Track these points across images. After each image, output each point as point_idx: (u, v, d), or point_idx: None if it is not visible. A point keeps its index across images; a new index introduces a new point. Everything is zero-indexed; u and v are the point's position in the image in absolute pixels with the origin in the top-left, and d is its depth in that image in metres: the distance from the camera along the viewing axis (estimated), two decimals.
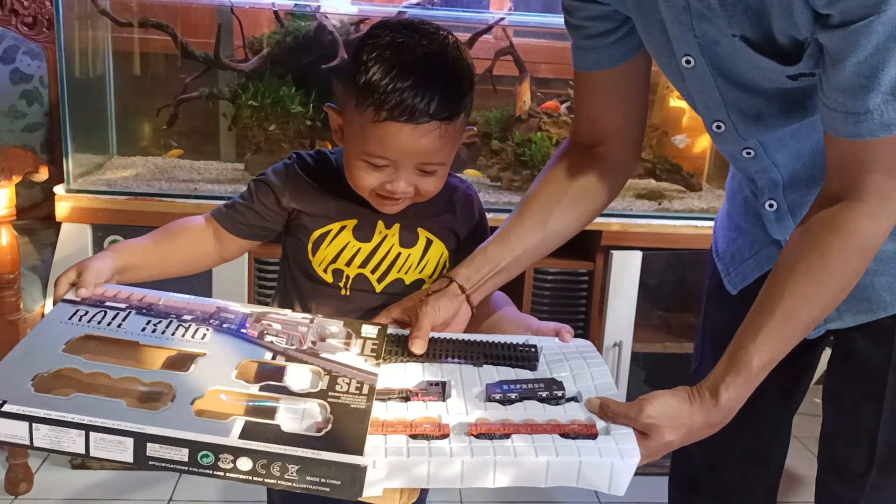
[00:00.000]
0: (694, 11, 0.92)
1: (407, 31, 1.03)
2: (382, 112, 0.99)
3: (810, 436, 1.19)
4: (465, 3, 2.35)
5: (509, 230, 1.11)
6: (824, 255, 0.90)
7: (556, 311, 2.18)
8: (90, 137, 2.21)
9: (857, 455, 1.10)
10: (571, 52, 1.09)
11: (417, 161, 1.03)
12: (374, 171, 1.04)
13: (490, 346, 1.02)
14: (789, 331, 0.92)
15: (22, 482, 2.02)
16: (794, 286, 0.91)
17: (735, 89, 0.99)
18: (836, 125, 0.87)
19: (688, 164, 2.38)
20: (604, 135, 1.11)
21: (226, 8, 2.19)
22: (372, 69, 1.00)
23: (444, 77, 1.01)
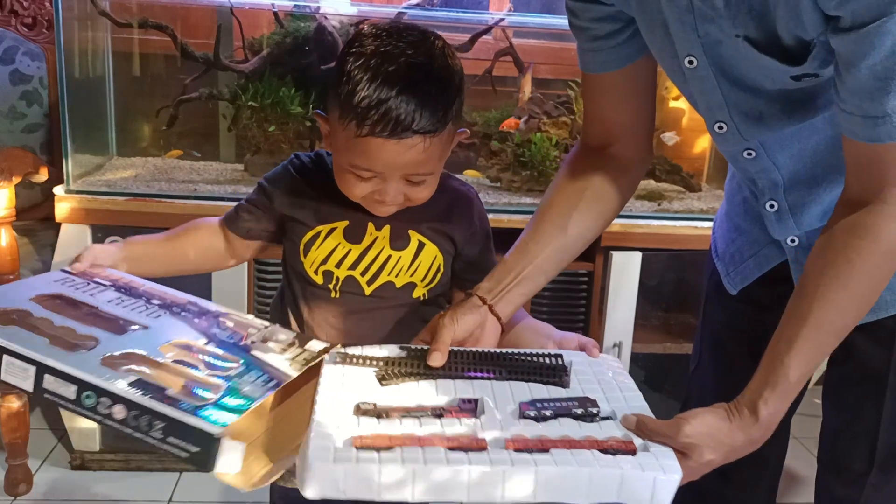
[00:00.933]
0: (697, 12, 0.92)
1: (391, 38, 1.00)
2: (364, 127, 0.97)
3: (810, 436, 1.19)
4: (465, 4, 2.35)
5: (528, 240, 1.09)
6: (852, 260, 0.89)
7: (555, 311, 2.18)
8: (90, 138, 2.21)
9: (858, 455, 1.10)
10: (578, 55, 1.09)
11: (404, 173, 1.02)
12: (362, 181, 1.04)
13: (518, 362, 0.99)
14: (823, 338, 0.91)
15: (21, 483, 2.02)
16: (825, 294, 0.90)
17: (737, 90, 0.99)
18: (855, 129, 0.86)
19: (687, 164, 2.38)
20: (615, 135, 1.11)
21: (225, 9, 2.19)
22: (353, 81, 0.98)
23: (428, 88, 0.99)
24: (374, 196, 1.05)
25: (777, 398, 0.90)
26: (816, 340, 0.90)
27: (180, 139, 2.36)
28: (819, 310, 0.90)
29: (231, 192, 2.06)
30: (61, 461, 2.16)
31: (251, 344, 0.95)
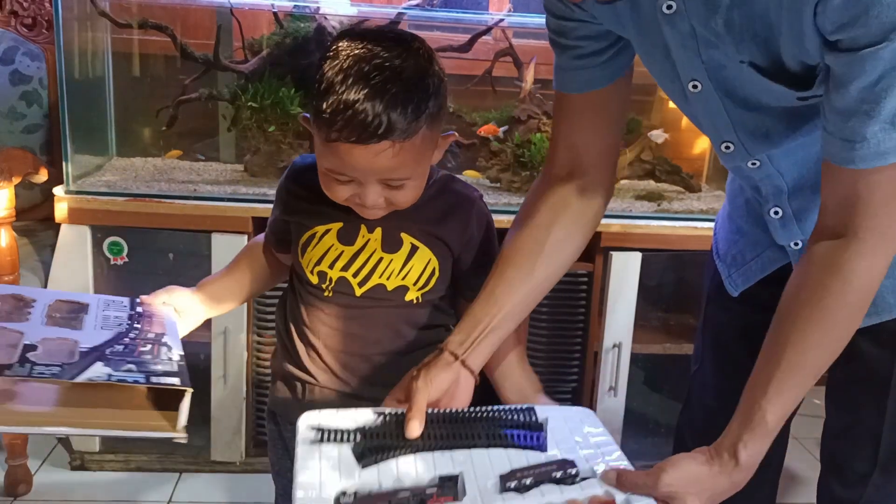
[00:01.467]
0: (700, 38, 0.90)
1: (367, 41, 0.99)
2: (332, 132, 0.97)
3: (810, 436, 1.19)
4: (465, 5, 2.35)
5: (494, 286, 1.06)
6: (823, 299, 0.89)
7: (555, 312, 2.18)
8: (90, 139, 2.21)
9: (860, 456, 1.10)
10: (557, 74, 1.06)
11: (378, 177, 1.01)
12: (341, 184, 1.03)
13: (493, 424, 0.98)
14: (799, 380, 0.91)
15: (21, 483, 2.02)
16: (800, 335, 0.90)
17: (743, 110, 0.98)
18: (833, 150, 0.86)
19: (687, 165, 2.38)
20: (584, 164, 1.08)
21: (225, 9, 2.19)
22: (324, 84, 0.97)
23: (397, 91, 0.96)
24: (355, 199, 1.05)
25: (756, 441, 0.91)
26: (792, 382, 0.90)
27: (180, 139, 2.36)
28: (793, 353, 0.90)
29: (231, 192, 2.06)
30: (61, 461, 2.16)
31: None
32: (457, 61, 2.26)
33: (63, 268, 2.01)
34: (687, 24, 0.90)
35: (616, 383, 2.20)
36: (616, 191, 2.26)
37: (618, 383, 2.20)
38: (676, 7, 0.89)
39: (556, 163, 1.10)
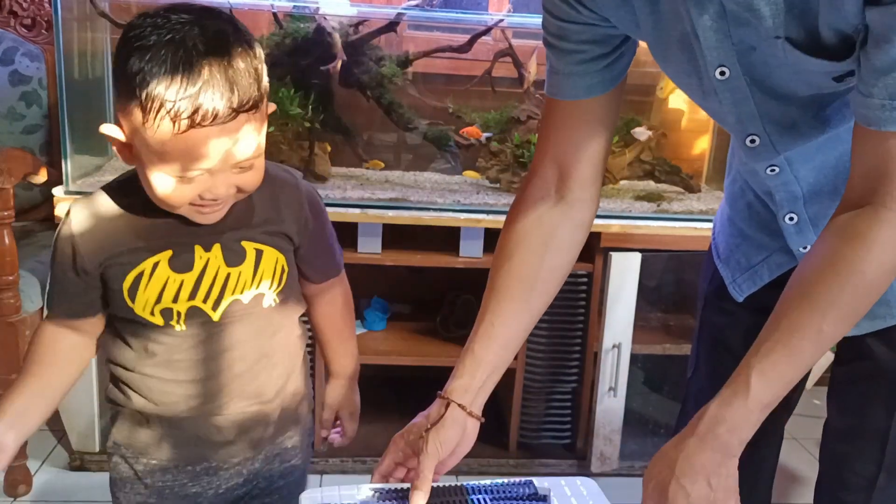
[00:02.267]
0: (731, 16, 0.87)
1: (170, 21, 0.90)
2: (181, 122, 0.87)
3: (810, 437, 1.18)
4: (464, 5, 2.35)
5: (492, 321, 1.02)
6: (836, 266, 0.84)
7: (555, 313, 2.18)
8: (89, 139, 2.21)
9: (865, 458, 1.09)
10: (554, 82, 1.02)
11: (235, 161, 0.94)
12: (186, 184, 0.93)
13: (494, 498, 0.96)
14: (796, 351, 0.86)
15: (21, 484, 2.02)
16: (806, 300, 0.86)
17: (770, 99, 0.95)
18: (870, 113, 0.81)
19: (687, 165, 2.38)
20: (570, 180, 1.04)
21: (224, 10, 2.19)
22: (152, 77, 0.87)
23: (236, 60, 0.90)
24: (203, 197, 0.95)
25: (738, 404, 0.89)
26: (787, 352, 0.86)
27: None
28: (797, 315, 0.86)
29: None
30: (61, 462, 2.16)
31: None
32: (456, 61, 2.26)
33: None
34: (717, 4, 0.86)
35: (616, 384, 2.20)
36: (615, 191, 2.27)
37: (617, 384, 2.20)
38: None
39: (541, 179, 1.06)
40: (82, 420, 2.11)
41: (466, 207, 2.10)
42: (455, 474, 2.23)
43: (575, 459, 2.30)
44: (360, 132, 2.34)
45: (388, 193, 2.14)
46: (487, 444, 2.29)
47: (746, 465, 1.28)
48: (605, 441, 2.27)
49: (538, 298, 1.05)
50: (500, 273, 1.05)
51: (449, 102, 2.29)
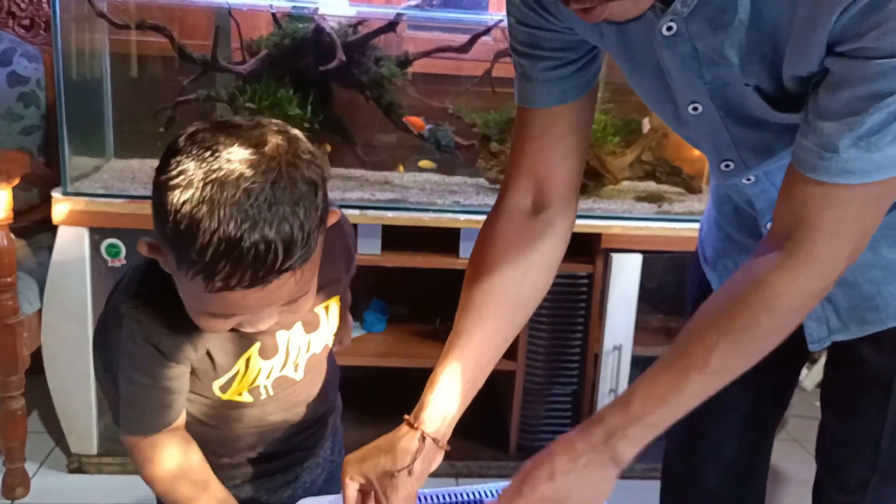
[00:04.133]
0: (703, 57, 0.87)
1: (216, 151, 0.77)
2: (215, 283, 0.77)
3: (810, 439, 1.18)
4: (464, 5, 2.34)
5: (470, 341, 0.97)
6: (732, 307, 0.86)
7: (555, 314, 2.18)
8: (87, 140, 2.21)
9: (859, 461, 1.10)
10: (525, 90, 0.99)
11: (279, 304, 0.84)
12: (225, 319, 0.85)
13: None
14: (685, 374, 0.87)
15: (19, 486, 2.01)
16: (697, 334, 0.87)
17: (744, 127, 0.94)
18: (803, 156, 0.82)
19: (688, 166, 2.38)
20: (546, 194, 1.01)
21: (223, 10, 2.18)
22: (185, 224, 0.75)
23: (284, 210, 0.76)
24: (244, 327, 0.87)
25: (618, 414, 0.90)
26: (680, 376, 0.88)
27: None
28: (691, 349, 0.87)
29: None
30: (59, 464, 2.16)
31: None
32: (456, 62, 2.25)
33: (61, 270, 2.00)
34: (689, 46, 0.86)
35: (616, 385, 2.19)
36: (616, 192, 2.27)
37: (618, 385, 2.19)
38: (677, 28, 0.85)
39: (519, 192, 1.02)
40: (81, 422, 2.10)
41: (466, 208, 2.10)
42: (455, 477, 2.23)
43: None
44: (360, 133, 2.34)
45: (388, 194, 2.13)
46: (487, 447, 2.28)
47: (747, 466, 1.28)
48: None
49: (521, 316, 1.03)
50: (479, 290, 1.00)
51: (449, 103, 2.29)
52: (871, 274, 1.02)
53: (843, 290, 1.05)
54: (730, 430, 1.25)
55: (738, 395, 1.22)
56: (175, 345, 0.92)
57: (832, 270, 0.84)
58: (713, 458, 1.27)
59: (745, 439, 1.26)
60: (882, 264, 1.01)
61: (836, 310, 1.06)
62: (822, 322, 1.08)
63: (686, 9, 0.82)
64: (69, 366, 2.04)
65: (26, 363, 1.97)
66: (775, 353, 1.19)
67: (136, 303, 0.90)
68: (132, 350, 0.91)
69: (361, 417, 2.05)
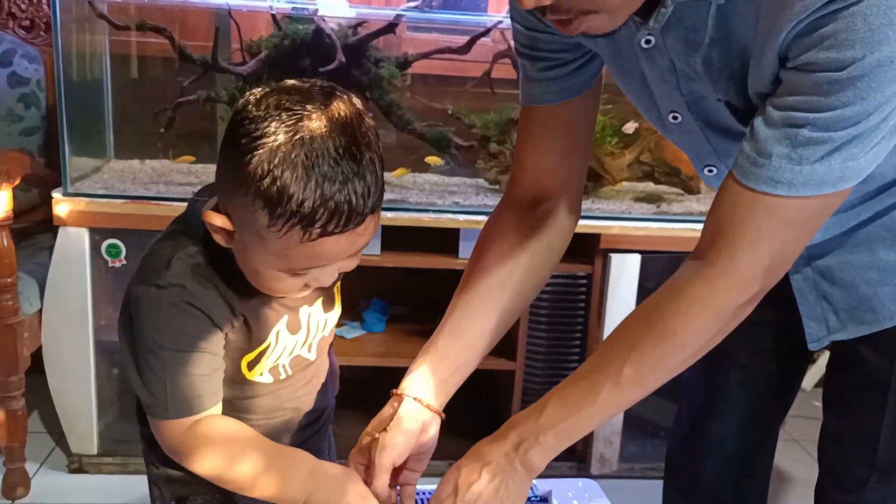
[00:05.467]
0: (680, 73, 0.89)
1: (297, 111, 0.82)
2: (313, 230, 0.82)
3: (810, 438, 1.18)
4: (464, 6, 2.35)
5: (459, 317, 0.99)
6: (649, 316, 0.87)
7: (554, 314, 2.18)
8: (88, 141, 2.21)
9: (858, 461, 1.10)
10: (525, 88, 1.01)
11: (350, 255, 0.90)
12: (298, 277, 0.90)
13: None
14: (601, 382, 0.88)
15: (19, 486, 2.01)
16: (616, 341, 0.88)
17: (724, 138, 0.96)
18: (740, 159, 0.83)
19: (686, 167, 2.38)
20: (551, 188, 1.04)
21: (223, 11, 2.19)
22: (283, 184, 0.80)
23: (365, 159, 0.83)
24: (309, 285, 0.92)
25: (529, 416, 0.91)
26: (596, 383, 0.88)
27: (178, 141, 2.35)
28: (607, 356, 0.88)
29: None
30: (59, 464, 2.16)
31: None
32: (455, 63, 2.26)
33: (61, 270, 2.00)
34: (666, 59, 0.88)
35: None
36: (615, 193, 2.27)
37: None
38: (655, 42, 0.86)
39: (521, 186, 1.05)
40: (81, 422, 2.10)
41: (466, 209, 2.10)
42: None
43: (574, 461, 2.30)
44: None
45: (387, 195, 2.13)
46: None
47: (748, 467, 1.29)
48: (604, 443, 2.26)
49: (510, 298, 1.02)
50: (472, 271, 1.03)
51: (448, 104, 2.29)
52: (868, 275, 1.02)
53: (841, 291, 1.05)
54: (732, 428, 1.25)
55: (740, 395, 1.23)
56: (218, 306, 0.92)
57: (749, 284, 0.84)
58: (716, 456, 1.27)
59: (748, 438, 1.27)
60: (879, 266, 1.01)
61: (835, 310, 1.07)
62: (822, 322, 1.09)
63: (657, 24, 0.84)
64: (69, 366, 2.05)
65: (26, 363, 1.97)
66: (776, 352, 1.20)
67: (176, 272, 0.91)
68: (176, 317, 0.91)
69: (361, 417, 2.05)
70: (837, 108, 0.76)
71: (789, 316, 1.12)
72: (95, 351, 2.05)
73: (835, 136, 0.77)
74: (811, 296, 1.09)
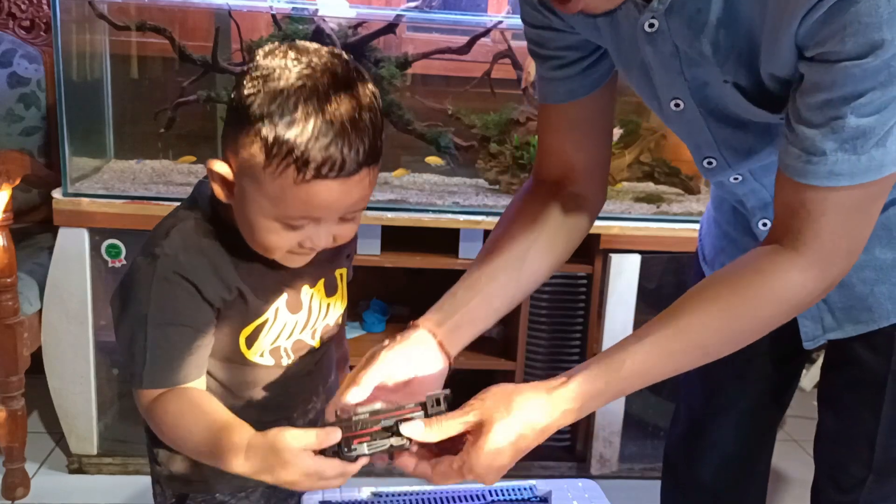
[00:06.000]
0: (683, 57, 0.88)
1: (304, 62, 0.86)
2: (307, 171, 0.84)
3: (809, 439, 1.18)
4: (464, 6, 2.35)
5: (479, 274, 0.99)
6: (737, 290, 0.86)
7: (554, 314, 2.18)
8: (88, 141, 2.21)
9: (855, 461, 1.10)
10: (540, 87, 1.04)
11: (345, 213, 0.91)
12: (291, 231, 0.90)
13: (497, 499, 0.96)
14: (676, 347, 0.86)
15: (19, 487, 2.01)
16: (699, 307, 0.87)
17: (726, 127, 0.96)
18: (790, 161, 0.83)
19: (686, 167, 2.38)
20: (574, 173, 1.05)
21: (223, 12, 2.19)
22: (282, 119, 0.83)
23: (363, 113, 0.87)
24: (303, 245, 0.92)
25: (596, 377, 0.84)
26: (669, 346, 0.86)
27: (178, 142, 2.35)
28: (687, 320, 0.86)
29: None
30: (59, 465, 2.16)
31: None
32: (455, 63, 2.26)
33: (61, 270, 2.00)
34: (669, 44, 0.88)
35: None
36: (615, 193, 2.27)
37: None
38: (659, 26, 0.86)
39: (546, 169, 1.07)
40: (81, 423, 2.10)
41: (466, 209, 2.10)
42: None
43: (574, 462, 2.30)
44: None
45: (387, 195, 2.13)
46: None
47: (747, 467, 1.29)
48: (604, 443, 2.26)
49: (532, 263, 1.02)
50: (496, 237, 1.04)
51: (448, 104, 2.29)
52: (864, 274, 1.02)
53: (837, 290, 1.04)
54: (730, 428, 1.26)
55: (737, 395, 1.23)
56: (209, 279, 0.94)
57: (835, 271, 0.86)
58: (713, 455, 1.28)
59: (746, 438, 1.27)
60: (875, 265, 1.02)
61: (831, 309, 1.07)
62: (817, 321, 1.09)
63: (662, 6, 0.83)
64: (69, 366, 2.05)
65: (26, 363, 1.97)
66: (773, 353, 1.20)
67: (172, 242, 0.94)
68: (164, 289, 0.92)
69: None
70: (876, 91, 0.75)
71: None
72: (95, 351, 2.06)
73: (883, 118, 0.77)
74: None
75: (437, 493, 0.96)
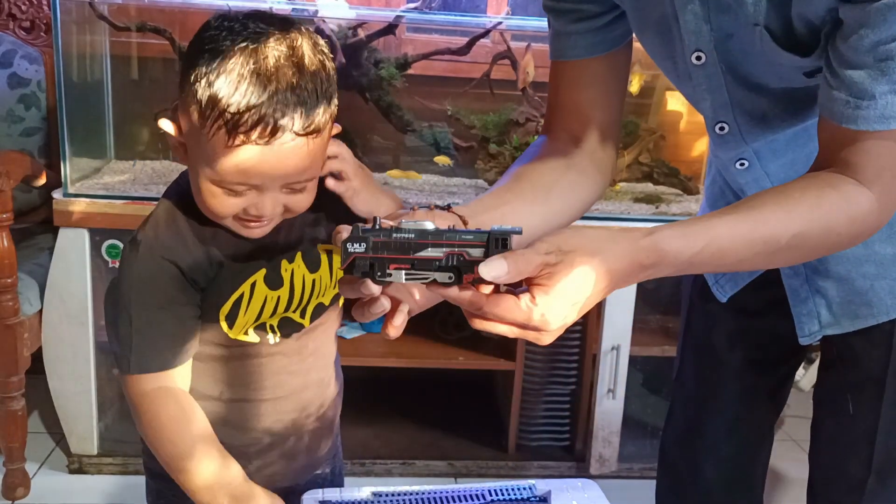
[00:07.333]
0: (713, 2, 0.87)
1: (251, 27, 0.86)
2: (237, 135, 0.84)
3: (808, 439, 1.18)
4: (463, 7, 2.35)
5: (504, 190, 0.95)
6: (821, 201, 0.83)
7: None
8: (88, 141, 2.21)
9: (855, 461, 1.09)
10: (553, 42, 1.01)
11: (284, 182, 0.89)
12: (233, 196, 0.89)
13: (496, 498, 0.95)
14: (757, 235, 0.82)
15: (19, 487, 2.01)
16: (782, 203, 0.83)
17: (742, 88, 0.95)
18: (836, 108, 0.82)
19: (685, 167, 2.39)
20: (588, 130, 1.03)
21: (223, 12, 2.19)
22: (217, 81, 0.83)
23: (305, 83, 0.85)
24: (248, 212, 0.91)
25: (683, 235, 0.79)
26: (753, 229, 0.82)
27: None
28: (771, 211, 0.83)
29: None
30: (59, 465, 2.16)
31: None
32: (455, 64, 2.26)
33: (61, 271, 2.00)
34: None
35: (614, 386, 2.20)
36: (614, 193, 2.27)
37: (616, 385, 2.20)
38: None
39: (559, 124, 1.04)
40: (81, 423, 2.10)
41: None
42: (454, 477, 2.23)
43: (573, 461, 2.30)
44: (359, 135, 2.34)
45: None
46: (486, 447, 2.29)
47: (743, 467, 1.29)
48: (603, 443, 2.27)
49: (557, 200, 0.97)
50: (516, 171, 0.99)
51: (447, 105, 2.29)
52: (864, 269, 1.02)
53: (836, 285, 1.05)
54: (726, 427, 1.26)
55: (733, 395, 1.23)
56: (190, 255, 0.94)
57: (893, 209, 0.86)
58: (709, 455, 1.27)
59: (742, 437, 1.27)
60: (875, 259, 1.01)
61: (829, 304, 1.07)
62: (813, 317, 1.09)
63: None
64: (69, 366, 2.05)
65: (27, 364, 1.97)
66: (767, 353, 1.20)
67: (152, 225, 0.95)
68: (148, 271, 0.93)
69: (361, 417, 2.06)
70: None
71: (780, 316, 1.12)
72: (95, 351, 2.06)
73: None
74: (802, 290, 1.09)
75: (437, 493, 0.96)
